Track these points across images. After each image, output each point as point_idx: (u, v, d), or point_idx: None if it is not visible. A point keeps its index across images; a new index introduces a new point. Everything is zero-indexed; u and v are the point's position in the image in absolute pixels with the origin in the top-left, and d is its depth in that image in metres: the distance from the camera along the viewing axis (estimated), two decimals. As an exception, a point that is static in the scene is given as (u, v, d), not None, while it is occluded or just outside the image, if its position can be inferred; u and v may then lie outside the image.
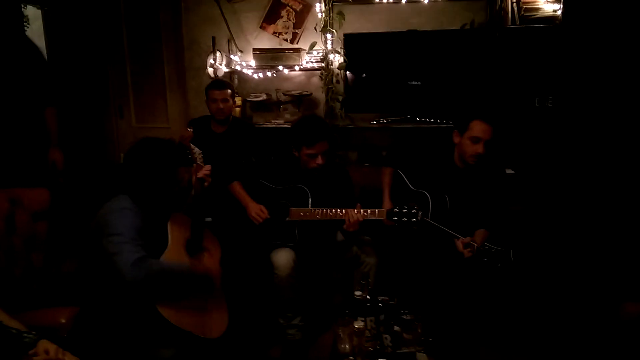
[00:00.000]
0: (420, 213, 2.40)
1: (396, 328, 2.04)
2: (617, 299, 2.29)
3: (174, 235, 2.11)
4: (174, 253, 2.06)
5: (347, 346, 1.94)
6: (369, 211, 2.52)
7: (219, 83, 3.52)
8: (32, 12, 4.63)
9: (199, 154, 2.55)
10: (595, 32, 3.58)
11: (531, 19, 3.57)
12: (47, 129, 3.10)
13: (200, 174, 2.39)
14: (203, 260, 2.20)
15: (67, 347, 1.60)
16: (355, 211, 2.50)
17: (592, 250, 3.06)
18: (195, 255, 2.19)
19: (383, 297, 2.15)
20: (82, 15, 4.39)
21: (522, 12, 3.57)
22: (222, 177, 2.83)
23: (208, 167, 2.47)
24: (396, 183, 2.88)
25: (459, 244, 2.48)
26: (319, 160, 2.64)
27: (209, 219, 2.95)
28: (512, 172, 3.52)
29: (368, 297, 2.11)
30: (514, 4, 3.58)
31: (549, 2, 3.56)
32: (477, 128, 2.58)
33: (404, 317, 2.04)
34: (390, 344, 1.99)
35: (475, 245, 2.43)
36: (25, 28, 4.27)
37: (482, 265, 2.42)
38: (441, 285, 2.63)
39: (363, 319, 2.02)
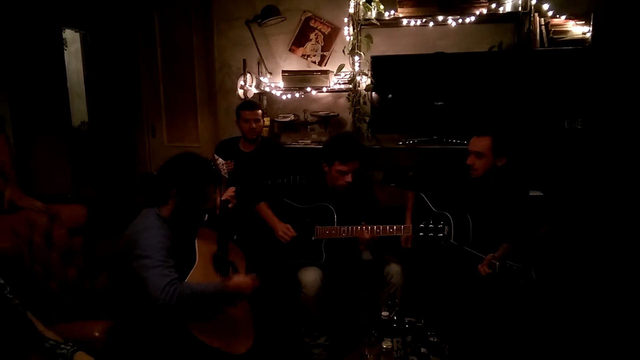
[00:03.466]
0: (446, 228, 2.41)
1: (423, 350, 2.02)
2: None
3: (201, 250, 2.15)
4: (201, 269, 2.11)
5: (373, 367, 1.94)
6: (394, 227, 2.53)
7: (251, 104, 3.54)
8: (71, 35, 4.86)
9: (223, 164, 2.53)
10: (625, 54, 3.56)
11: (560, 42, 3.57)
12: None
13: (225, 196, 2.42)
14: (232, 275, 2.22)
15: (102, 360, 1.65)
16: (366, 229, 2.52)
17: (622, 275, 2.99)
18: (223, 269, 2.23)
19: (410, 318, 2.14)
20: (118, 38, 4.56)
21: (551, 35, 3.58)
22: (248, 196, 2.86)
23: (232, 188, 2.50)
24: (419, 206, 2.90)
25: (481, 269, 2.44)
26: (348, 178, 2.63)
27: (235, 237, 2.99)
28: (541, 194, 3.48)
29: (395, 317, 2.10)
30: (543, 27, 3.59)
31: (578, 24, 3.56)
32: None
33: (431, 339, 2.02)
34: (417, 366, 1.98)
35: (497, 263, 2.40)
36: (64, 50, 4.48)
37: (504, 284, 2.39)
38: (467, 307, 2.60)
39: (390, 339, 2.02)
